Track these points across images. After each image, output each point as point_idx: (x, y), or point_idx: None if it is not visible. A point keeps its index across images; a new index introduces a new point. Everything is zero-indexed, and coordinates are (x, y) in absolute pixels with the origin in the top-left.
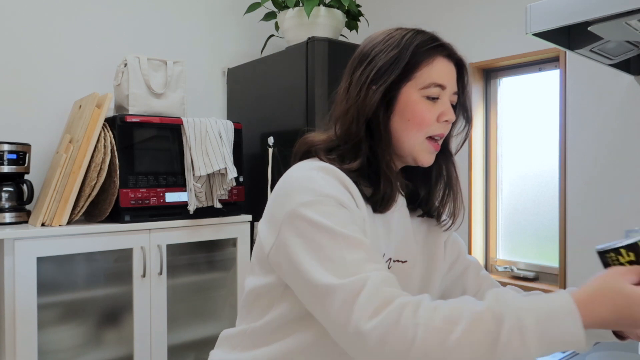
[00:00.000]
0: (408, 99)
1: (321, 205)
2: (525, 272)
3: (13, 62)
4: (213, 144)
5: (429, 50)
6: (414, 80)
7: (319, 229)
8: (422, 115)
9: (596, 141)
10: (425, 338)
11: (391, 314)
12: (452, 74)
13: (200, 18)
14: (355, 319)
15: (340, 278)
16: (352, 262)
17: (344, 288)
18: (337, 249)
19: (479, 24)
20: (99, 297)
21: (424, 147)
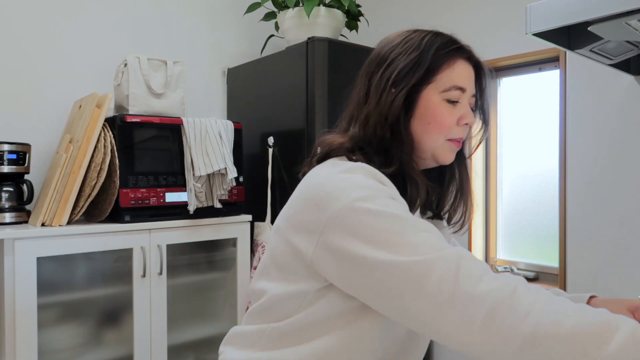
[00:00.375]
0: (428, 102)
1: (377, 198)
2: (525, 272)
3: (13, 62)
4: (213, 144)
5: (449, 52)
6: (435, 83)
7: (385, 217)
8: (442, 119)
9: (596, 141)
10: (540, 318)
11: (506, 285)
12: (472, 77)
13: (200, 18)
14: (463, 285)
15: (432, 253)
16: (434, 240)
17: (442, 259)
18: (411, 232)
19: (479, 24)
20: (99, 297)
21: (445, 147)
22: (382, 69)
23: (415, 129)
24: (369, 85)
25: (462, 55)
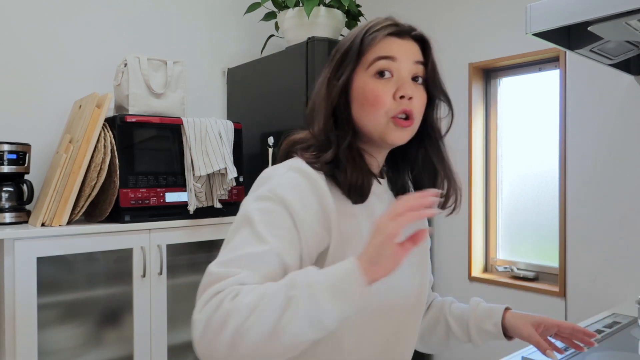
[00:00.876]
0: (359, 83)
1: (268, 201)
2: (525, 272)
3: (13, 62)
4: (213, 144)
5: (375, 33)
6: (362, 64)
7: (247, 221)
8: (374, 95)
9: (596, 141)
10: (235, 315)
11: (215, 300)
12: (405, 47)
13: (200, 18)
14: (196, 308)
15: (220, 266)
16: (242, 254)
17: (212, 275)
18: (243, 241)
19: (479, 24)
20: (99, 297)
21: (390, 126)
22: (327, 63)
23: (357, 115)
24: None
25: (390, 33)
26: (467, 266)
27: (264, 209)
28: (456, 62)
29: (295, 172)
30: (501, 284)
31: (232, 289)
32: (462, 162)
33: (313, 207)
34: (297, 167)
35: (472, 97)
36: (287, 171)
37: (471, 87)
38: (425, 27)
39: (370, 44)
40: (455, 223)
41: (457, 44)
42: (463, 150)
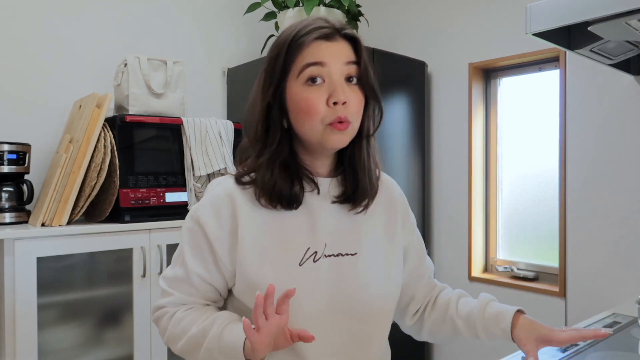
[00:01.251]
0: (292, 92)
1: (192, 221)
2: (525, 272)
3: (13, 62)
4: (213, 144)
5: (301, 37)
6: (292, 72)
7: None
8: (307, 105)
9: (596, 141)
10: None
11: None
12: (334, 49)
13: (200, 18)
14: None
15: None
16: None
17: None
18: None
19: (479, 24)
20: (99, 297)
21: (327, 132)
22: (259, 76)
23: (294, 124)
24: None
25: (316, 38)
26: (467, 266)
27: (189, 228)
28: (456, 62)
29: (221, 189)
30: (501, 284)
31: (169, 310)
32: (462, 162)
33: (227, 221)
34: (224, 185)
35: (472, 97)
36: (215, 187)
37: (471, 87)
38: (425, 27)
39: (298, 50)
40: (455, 223)
41: (457, 44)
42: (463, 150)
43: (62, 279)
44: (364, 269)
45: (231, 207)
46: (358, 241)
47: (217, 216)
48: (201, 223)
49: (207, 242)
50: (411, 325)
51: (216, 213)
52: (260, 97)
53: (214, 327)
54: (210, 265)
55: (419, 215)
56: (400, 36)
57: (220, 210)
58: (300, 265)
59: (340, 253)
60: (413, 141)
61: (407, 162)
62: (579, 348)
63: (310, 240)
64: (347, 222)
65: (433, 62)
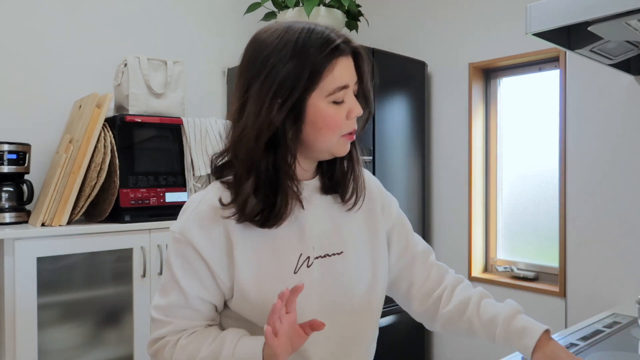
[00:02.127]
0: (317, 108)
1: (180, 244)
2: (525, 272)
3: (13, 62)
4: (213, 144)
5: (328, 55)
6: (319, 90)
7: (168, 263)
8: (333, 121)
9: (596, 141)
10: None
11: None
12: (351, 70)
13: (200, 18)
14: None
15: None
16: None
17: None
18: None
19: (479, 24)
20: (99, 297)
21: (340, 142)
22: (261, 78)
23: (307, 136)
24: (247, 95)
25: (340, 53)
26: (467, 266)
27: (178, 252)
28: (456, 62)
29: (204, 205)
30: (501, 284)
31: (170, 339)
32: (462, 162)
33: (220, 239)
34: (206, 200)
35: (472, 97)
36: (197, 205)
37: (471, 87)
38: (425, 27)
39: (327, 68)
40: (455, 223)
41: (457, 44)
42: (463, 150)
43: (62, 279)
44: (351, 266)
45: (222, 226)
46: (342, 240)
47: (208, 236)
48: (194, 245)
49: (203, 262)
50: (421, 313)
51: (207, 233)
52: (267, 107)
53: (225, 346)
54: (209, 285)
55: (419, 215)
56: (400, 36)
57: (210, 229)
58: (296, 273)
59: (327, 253)
60: (413, 141)
61: (407, 162)
62: (579, 348)
63: (300, 247)
64: (330, 222)
65: (433, 62)
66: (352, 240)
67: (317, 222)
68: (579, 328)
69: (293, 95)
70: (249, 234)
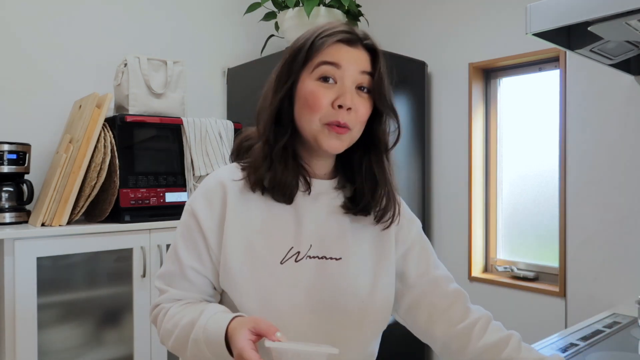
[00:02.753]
0: (303, 86)
1: (186, 213)
2: (525, 272)
3: (13, 62)
4: (213, 144)
5: (325, 37)
6: (308, 67)
7: (176, 234)
8: (313, 99)
9: (596, 141)
10: (163, 335)
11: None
12: (353, 55)
13: (200, 18)
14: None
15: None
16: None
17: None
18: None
19: (479, 24)
20: (99, 297)
21: (324, 133)
22: (277, 66)
23: (296, 117)
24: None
25: (340, 40)
26: (467, 266)
27: (183, 222)
28: (456, 62)
29: (213, 179)
30: (501, 284)
31: (164, 306)
32: (462, 162)
33: (217, 211)
34: (217, 175)
35: (472, 97)
36: (209, 179)
37: (471, 87)
38: (425, 27)
39: (319, 48)
40: (455, 223)
41: (457, 44)
42: (463, 150)
43: (62, 279)
44: (347, 275)
45: (222, 196)
46: (344, 247)
47: (209, 206)
48: (195, 214)
49: (201, 233)
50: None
51: (209, 203)
52: (274, 88)
53: (202, 317)
54: (204, 257)
55: (419, 215)
56: (400, 36)
57: (212, 199)
58: (282, 263)
59: (324, 256)
60: (413, 141)
61: (407, 162)
62: (579, 348)
63: (294, 240)
64: (337, 227)
65: (433, 62)
66: (356, 250)
67: (320, 222)
68: (579, 328)
69: (291, 75)
70: (245, 209)
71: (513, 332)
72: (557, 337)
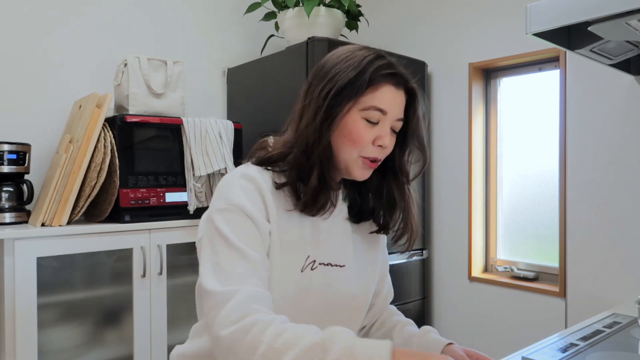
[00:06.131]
0: (349, 118)
1: (229, 215)
2: (525, 272)
3: (13, 62)
4: (213, 144)
5: (379, 77)
6: (358, 103)
7: (220, 236)
8: (358, 135)
9: (596, 141)
10: (264, 355)
11: (244, 327)
12: (397, 101)
13: (200, 18)
14: (216, 324)
15: (220, 286)
16: (236, 273)
17: (218, 296)
18: (227, 259)
19: (479, 24)
20: (99, 297)
21: (358, 163)
22: (323, 82)
23: (334, 142)
24: (310, 96)
25: (390, 81)
26: (467, 266)
27: (229, 221)
28: (456, 62)
29: (242, 178)
30: (501, 284)
31: (262, 319)
32: (462, 162)
33: (261, 206)
34: (242, 174)
35: (472, 97)
36: (237, 179)
37: (471, 87)
38: (425, 27)
39: (372, 87)
40: (455, 223)
41: (457, 44)
42: (463, 150)
43: (62, 279)
44: (349, 281)
45: (260, 195)
46: (347, 254)
47: (253, 202)
48: (245, 210)
49: (255, 226)
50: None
51: (250, 199)
52: (317, 105)
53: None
54: (263, 251)
55: (419, 215)
56: (400, 36)
57: (252, 196)
58: (302, 272)
59: (330, 263)
60: None
61: None
62: (579, 348)
63: (311, 248)
64: (341, 234)
65: (433, 62)
66: (355, 256)
67: (330, 231)
68: (579, 328)
69: (342, 103)
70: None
71: (393, 327)
72: (557, 337)
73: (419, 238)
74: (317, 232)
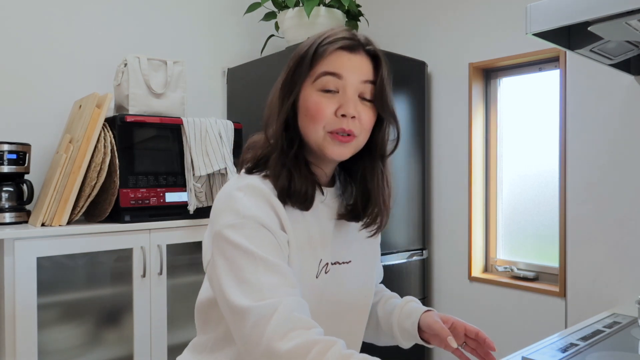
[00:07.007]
0: (305, 95)
1: (243, 228)
2: (525, 272)
3: (13, 62)
4: (213, 144)
5: (326, 45)
6: (310, 77)
7: (239, 251)
8: (315, 109)
9: (596, 141)
10: None
11: (304, 344)
12: (355, 64)
13: (200, 18)
14: (267, 339)
15: (254, 301)
16: (267, 285)
17: (257, 311)
18: (254, 272)
19: (479, 24)
20: (99, 297)
21: (327, 140)
22: (282, 74)
23: (301, 127)
24: (273, 91)
25: (341, 46)
26: (467, 266)
27: (246, 234)
28: (456, 62)
29: (247, 189)
30: (501, 284)
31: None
32: (462, 162)
33: (274, 218)
34: (247, 185)
35: (472, 97)
36: (241, 192)
37: (471, 87)
38: (425, 27)
39: (321, 56)
40: (455, 223)
41: (457, 44)
42: (463, 150)
43: (62, 279)
44: (356, 276)
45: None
46: (351, 250)
47: (266, 214)
48: (261, 222)
49: (274, 237)
50: None
51: (264, 212)
52: (280, 97)
53: None
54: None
55: (419, 215)
56: (400, 36)
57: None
58: (317, 277)
59: (337, 261)
60: (413, 141)
61: (407, 162)
62: (579, 348)
63: (321, 251)
64: (342, 231)
65: (433, 62)
66: (359, 253)
67: (333, 229)
68: (579, 328)
69: (295, 84)
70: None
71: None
72: (557, 337)
73: (419, 238)
74: (323, 231)
